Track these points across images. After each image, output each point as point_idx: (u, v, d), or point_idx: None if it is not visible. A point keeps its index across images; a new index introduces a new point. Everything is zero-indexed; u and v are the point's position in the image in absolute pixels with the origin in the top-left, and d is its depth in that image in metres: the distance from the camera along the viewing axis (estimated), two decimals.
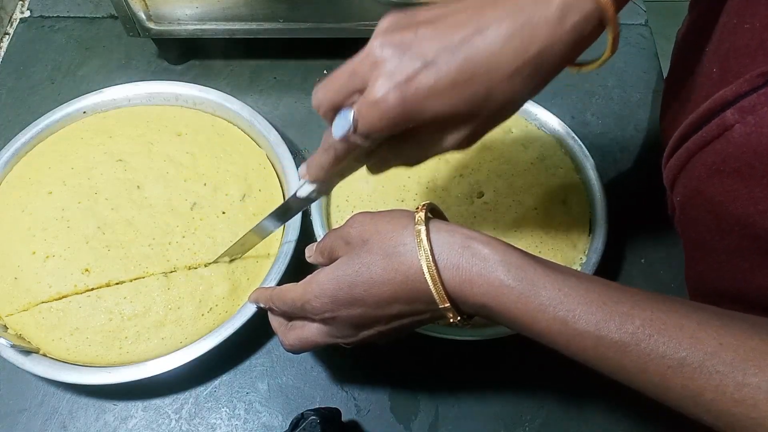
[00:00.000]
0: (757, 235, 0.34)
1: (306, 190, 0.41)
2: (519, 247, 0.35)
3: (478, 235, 0.34)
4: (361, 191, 0.55)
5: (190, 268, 0.50)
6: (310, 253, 0.42)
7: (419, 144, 0.36)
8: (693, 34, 0.46)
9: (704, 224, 0.39)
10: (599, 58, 0.35)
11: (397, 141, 0.36)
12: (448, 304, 0.34)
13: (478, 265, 0.33)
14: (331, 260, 0.38)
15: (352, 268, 0.35)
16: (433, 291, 0.33)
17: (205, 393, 0.50)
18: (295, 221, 0.51)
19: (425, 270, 0.33)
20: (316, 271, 0.38)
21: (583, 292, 0.31)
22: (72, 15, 0.72)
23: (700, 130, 0.37)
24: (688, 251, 0.45)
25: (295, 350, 0.42)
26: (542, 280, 0.32)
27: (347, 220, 0.38)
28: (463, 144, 0.36)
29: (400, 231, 0.35)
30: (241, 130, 0.58)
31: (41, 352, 0.47)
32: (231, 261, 0.51)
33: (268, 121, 0.57)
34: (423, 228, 0.34)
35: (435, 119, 0.33)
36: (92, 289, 0.49)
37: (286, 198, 0.53)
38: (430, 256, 0.33)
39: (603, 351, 0.31)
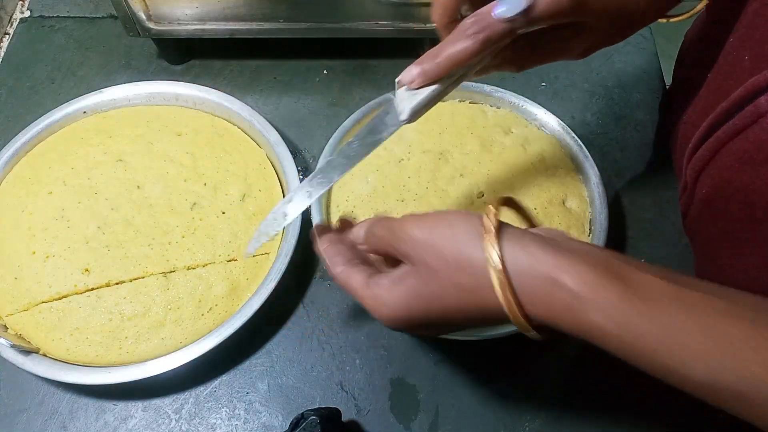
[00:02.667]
0: None
1: (409, 102, 0.35)
2: None
3: (566, 263, 0.29)
4: (361, 191, 0.55)
5: (189, 268, 0.50)
6: (321, 232, 0.39)
7: (545, 46, 0.38)
8: (715, 27, 0.46)
9: (734, 215, 0.39)
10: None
11: (530, 39, 0.37)
12: (533, 332, 0.32)
13: (567, 303, 0.29)
14: (376, 252, 0.37)
15: (425, 299, 0.33)
16: (515, 324, 0.31)
17: (205, 393, 0.50)
18: (295, 221, 0.51)
19: (505, 308, 0.30)
20: (377, 281, 0.35)
21: (697, 330, 0.27)
22: (72, 15, 0.72)
23: (732, 118, 0.36)
24: (710, 247, 0.43)
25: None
26: (645, 324, 0.28)
27: (399, 228, 0.34)
28: (584, 53, 0.39)
29: (468, 258, 0.31)
30: (241, 130, 0.58)
31: (41, 352, 0.47)
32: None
33: (268, 121, 0.57)
34: (497, 256, 0.30)
35: (598, 14, 0.35)
36: (92, 289, 0.49)
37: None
38: (509, 293, 0.30)
39: (717, 399, 0.28)
